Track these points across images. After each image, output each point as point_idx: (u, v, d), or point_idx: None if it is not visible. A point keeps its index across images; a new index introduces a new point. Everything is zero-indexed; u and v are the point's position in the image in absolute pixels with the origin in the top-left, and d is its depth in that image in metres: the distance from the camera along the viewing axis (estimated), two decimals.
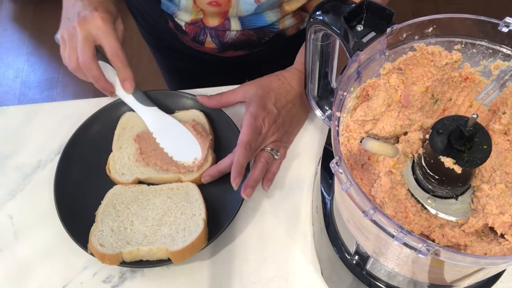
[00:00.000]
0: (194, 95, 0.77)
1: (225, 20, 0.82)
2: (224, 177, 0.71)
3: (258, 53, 0.90)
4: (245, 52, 0.90)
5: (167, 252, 0.63)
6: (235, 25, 0.83)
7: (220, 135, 0.76)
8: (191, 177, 0.71)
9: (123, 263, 0.64)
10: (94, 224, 0.66)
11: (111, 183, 0.71)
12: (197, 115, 0.76)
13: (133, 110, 0.76)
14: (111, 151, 0.74)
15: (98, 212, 0.68)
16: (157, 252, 0.63)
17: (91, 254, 0.64)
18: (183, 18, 0.84)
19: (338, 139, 0.45)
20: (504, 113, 0.50)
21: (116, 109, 0.77)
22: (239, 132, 0.72)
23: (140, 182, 0.72)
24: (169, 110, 0.77)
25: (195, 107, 0.77)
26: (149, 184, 0.72)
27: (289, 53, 0.80)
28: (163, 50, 1.01)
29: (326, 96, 0.68)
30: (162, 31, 0.92)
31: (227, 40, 0.86)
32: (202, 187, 0.71)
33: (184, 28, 0.85)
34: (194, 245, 0.63)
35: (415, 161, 0.51)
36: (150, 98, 0.77)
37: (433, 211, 0.49)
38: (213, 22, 0.82)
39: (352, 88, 0.49)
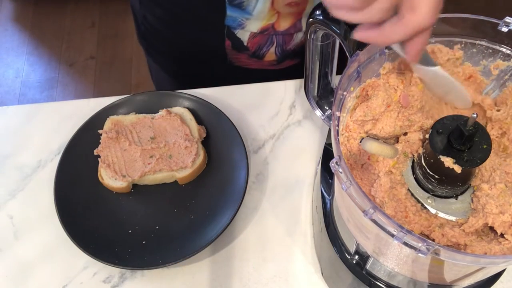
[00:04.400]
0: (181, 92, 0.78)
1: (297, 20, 0.80)
2: (223, 177, 0.71)
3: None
4: (297, 61, 0.88)
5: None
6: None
7: (210, 127, 0.76)
8: (185, 173, 0.71)
9: (123, 264, 0.64)
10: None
11: None
12: (182, 112, 0.76)
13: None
14: None
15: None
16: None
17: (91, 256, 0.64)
18: (252, 27, 0.79)
19: (338, 139, 0.45)
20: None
21: (117, 110, 0.77)
22: (231, 123, 0.73)
23: (134, 185, 0.73)
24: (153, 110, 0.77)
25: (179, 105, 0.78)
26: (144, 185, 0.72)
27: None
28: (180, 76, 0.96)
29: (326, 96, 0.68)
30: (200, 58, 0.87)
31: (291, 47, 0.84)
32: (201, 187, 0.72)
33: (246, 44, 0.82)
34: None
35: (415, 160, 0.51)
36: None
37: (433, 211, 0.49)
38: (284, 24, 0.79)
39: (352, 88, 0.49)
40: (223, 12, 0.78)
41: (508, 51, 0.49)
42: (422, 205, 0.50)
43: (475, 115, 0.42)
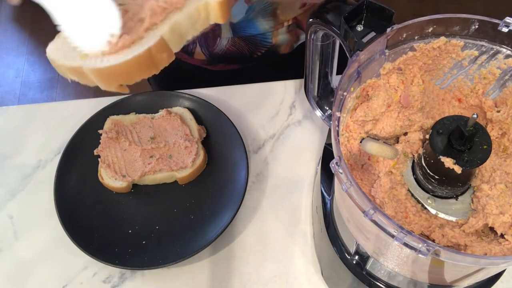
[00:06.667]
0: (181, 92, 0.78)
1: (216, 25, 0.81)
2: (223, 177, 0.71)
3: (249, 69, 0.88)
4: (236, 67, 0.89)
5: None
6: (226, 32, 0.81)
7: (210, 127, 0.76)
8: (185, 173, 0.71)
9: (123, 264, 0.64)
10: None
11: None
12: (182, 112, 0.76)
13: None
14: None
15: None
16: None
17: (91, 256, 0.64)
18: None
19: (338, 139, 0.45)
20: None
21: (117, 110, 0.77)
22: (231, 123, 0.73)
23: (134, 184, 0.73)
24: (153, 110, 0.77)
25: (179, 105, 0.78)
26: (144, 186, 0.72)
27: (282, 72, 0.78)
28: None
29: (326, 96, 0.68)
30: None
31: (218, 51, 0.84)
32: (201, 187, 0.72)
33: None
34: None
35: (415, 161, 0.51)
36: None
37: (433, 211, 0.49)
38: None
39: (352, 88, 0.49)
40: None
41: (508, 52, 0.49)
42: (422, 205, 0.50)
43: (475, 116, 0.42)
